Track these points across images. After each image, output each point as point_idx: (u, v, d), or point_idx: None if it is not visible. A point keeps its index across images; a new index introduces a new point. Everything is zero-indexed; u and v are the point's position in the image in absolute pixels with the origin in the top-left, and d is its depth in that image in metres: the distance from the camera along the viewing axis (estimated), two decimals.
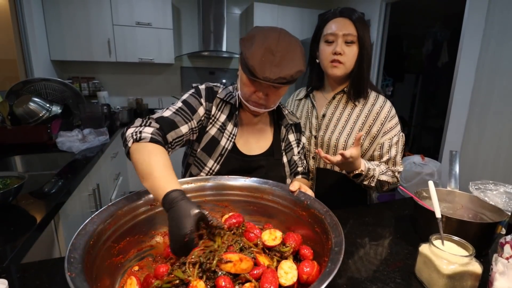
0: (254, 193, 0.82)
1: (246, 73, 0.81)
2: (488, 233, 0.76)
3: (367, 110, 1.07)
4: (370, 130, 1.06)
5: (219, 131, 0.94)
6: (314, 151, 1.14)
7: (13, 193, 1.02)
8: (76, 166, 1.52)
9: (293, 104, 1.26)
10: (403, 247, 0.82)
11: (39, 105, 1.95)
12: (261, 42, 0.79)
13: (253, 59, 0.77)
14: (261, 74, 0.77)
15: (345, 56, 1.01)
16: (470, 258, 0.61)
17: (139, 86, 3.51)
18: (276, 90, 0.85)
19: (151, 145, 0.73)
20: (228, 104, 0.96)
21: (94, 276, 0.51)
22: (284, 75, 0.78)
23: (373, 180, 0.99)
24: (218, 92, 0.96)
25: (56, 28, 2.74)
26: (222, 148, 0.93)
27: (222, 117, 0.95)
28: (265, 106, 0.88)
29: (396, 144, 1.04)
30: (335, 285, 0.65)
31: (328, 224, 0.64)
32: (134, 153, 0.72)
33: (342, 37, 1.00)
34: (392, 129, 1.05)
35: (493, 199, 0.86)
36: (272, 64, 0.77)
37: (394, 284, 0.66)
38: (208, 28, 3.31)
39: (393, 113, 1.07)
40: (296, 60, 0.80)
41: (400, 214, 1.03)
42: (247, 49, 0.80)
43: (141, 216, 0.72)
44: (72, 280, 0.42)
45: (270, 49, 0.78)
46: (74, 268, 0.46)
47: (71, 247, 0.51)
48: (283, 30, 0.83)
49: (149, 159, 0.69)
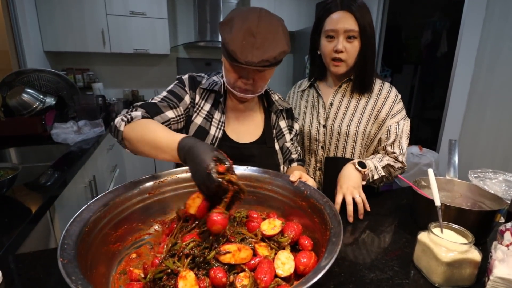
0: (254, 182, 0.81)
1: (228, 59, 0.79)
2: (486, 221, 0.76)
3: (375, 96, 1.08)
4: (379, 115, 1.06)
5: (206, 120, 0.92)
6: (323, 140, 1.13)
7: (7, 184, 1.00)
8: (72, 157, 1.50)
9: (296, 96, 1.24)
10: (401, 235, 0.82)
11: (32, 96, 1.91)
12: (240, 24, 0.75)
13: (233, 43, 0.74)
14: (243, 58, 0.74)
15: (347, 53, 1.00)
16: (469, 245, 0.60)
17: (135, 77, 3.47)
18: (261, 74, 0.82)
19: (143, 120, 0.75)
20: (212, 92, 0.94)
21: (89, 263, 0.51)
22: (267, 57, 0.75)
23: (378, 170, 0.99)
24: (202, 83, 0.94)
25: (49, 18, 2.68)
26: (213, 137, 0.92)
27: (207, 106, 0.93)
28: (252, 91, 0.86)
29: (402, 128, 1.05)
30: (333, 273, 0.65)
31: (328, 214, 0.63)
32: (130, 132, 0.73)
33: (344, 33, 0.98)
34: (399, 112, 1.06)
35: (492, 188, 0.85)
36: (253, 47, 0.74)
37: (392, 272, 0.66)
38: (204, 17, 3.25)
39: (399, 98, 1.08)
40: (279, 40, 0.77)
41: (399, 203, 1.03)
42: (226, 33, 0.77)
43: (139, 204, 0.71)
44: (64, 266, 0.42)
45: (251, 31, 0.75)
46: (67, 254, 0.45)
47: (65, 234, 0.50)
48: (263, 10, 0.80)
49: (149, 127, 0.71)
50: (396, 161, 1.05)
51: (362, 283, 0.62)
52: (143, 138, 0.70)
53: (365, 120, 1.06)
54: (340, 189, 0.91)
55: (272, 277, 0.54)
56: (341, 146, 1.10)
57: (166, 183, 0.77)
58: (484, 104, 2.17)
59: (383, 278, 0.64)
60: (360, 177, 0.94)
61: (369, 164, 0.98)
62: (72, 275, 0.40)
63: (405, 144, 1.05)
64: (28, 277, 0.63)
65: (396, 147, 1.04)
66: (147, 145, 0.69)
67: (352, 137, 1.07)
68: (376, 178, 0.99)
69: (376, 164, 1.00)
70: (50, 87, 2.16)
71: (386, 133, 1.05)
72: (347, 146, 1.09)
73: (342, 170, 0.97)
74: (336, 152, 1.11)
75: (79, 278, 0.40)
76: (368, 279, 0.64)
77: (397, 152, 1.04)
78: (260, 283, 0.52)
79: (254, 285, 0.52)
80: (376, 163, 1.00)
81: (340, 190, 0.91)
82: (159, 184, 0.76)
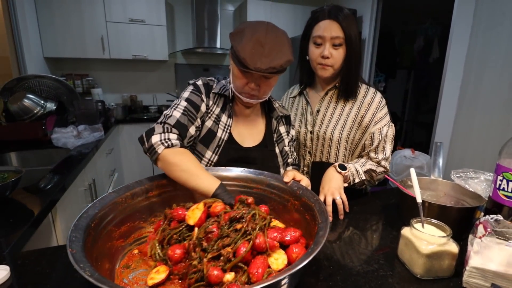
0: (250, 183, 0.86)
1: (238, 65, 0.85)
2: (467, 218, 0.80)
3: (359, 102, 1.11)
4: (362, 121, 1.09)
5: (215, 123, 0.98)
6: (310, 145, 1.18)
7: (11, 186, 1.03)
8: (72, 161, 1.54)
9: (288, 102, 1.30)
10: (388, 232, 0.87)
11: (33, 101, 1.95)
12: (250, 35, 0.83)
13: (244, 52, 0.81)
14: (252, 65, 0.81)
15: (333, 59, 1.05)
16: (447, 238, 0.65)
17: (133, 83, 3.51)
18: (267, 81, 0.89)
19: (182, 149, 0.84)
20: (222, 96, 1.00)
21: (95, 256, 0.55)
22: (274, 65, 0.82)
23: (359, 174, 1.04)
24: (213, 87, 1.00)
25: (49, 25, 2.73)
26: (219, 139, 0.97)
27: (217, 109, 0.99)
28: (258, 97, 0.93)
29: (386, 133, 1.08)
30: (322, 266, 0.69)
31: (317, 211, 0.67)
32: (168, 157, 0.80)
33: (330, 40, 1.03)
34: (383, 118, 1.09)
35: (473, 187, 0.90)
36: (262, 55, 0.82)
37: (377, 265, 0.70)
38: (202, 25, 3.31)
39: (383, 103, 1.11)
40: (285, 50, 0.85)
41: (387, 202, 1.08)
42: (237, 42, 0.84)
43: (141, 204, 0.76)
44: (73, 256, 0.45)
45: (259, 41, 0.82)
46: (75, 246, 0.49)
47: (73, 228, 0.54)
48: (270, 24, 0.88)
49: (188, 162, 0.81)
50: (378, 166, 1.09)
51: (349, 275, 0.67)
52: (183, 165, 0.80)
53: (349, 126, 1.11)
54: (322, 190, 0.97)
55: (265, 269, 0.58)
56: (326, 151, 1.15)
57: (166, 184, 0.82)
58: (473, 107, 2.24)
59: (369, 270, 0.68)
60: (341, 179, 1.00)
61: (350, 168, 1.03)
62: (81, 263, 0.44)
63: (389, 150, 1.09)
64: (35, 271, 0.66)
65: (380, 152, 1.09)
66: (184, 172, 0.79)
67: (336, 143, 1.12)
68: (357, 181, 1.04)
69: (358, 168, 1.05)
70: (50, 92, 2.20)
71: (370, 139, 1.09)
72: (331, 151, 1.13)
73: (325, 173, 1.02)
74: (322, 157, 1.16)
75: (87, 266, 0.44)
76: (355, 271, 0.68)
77: (380, 157, 1.08)
78: (252, 278, 0.56)
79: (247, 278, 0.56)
80: (358, 167, 1.05)
81: (322, 191, 0.97)
82: (161, 184, 0.81)
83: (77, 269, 0.43)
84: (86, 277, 0.41)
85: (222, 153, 0.97)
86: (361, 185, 1.09)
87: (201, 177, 0.78)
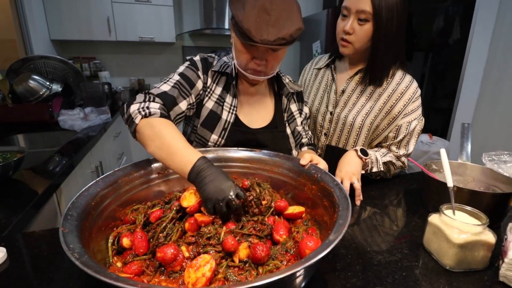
0: (264, 166, 0.79)
1: (241, 38, 0.75)
2: (500, 205, 0.73)
3: (391, 89, 0.99)
4: (391, 110, 0.98)
5: (217, 104, 0.89)
6: (327, 127, 1.09)
7: (13, 166, 1.00)
8: (78, 143, 1.51)
9: (311, 73, 1.19)
10: (410, 219, 0.80)
11: (39, 83, 1.92)
12: (253, 1, 0.72)
13: (247, 22, 0.71)
14: (258, 36, 0.71)
15: (354, 36, 0.93)
16: (483, 227, 0.58)
17: (141, 66, 3.46)
18: (275, 54, 0.79)
19: (162, 120, 0.72)
20: (223, 75, 0.91)
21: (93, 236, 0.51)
22: (283, 35, 0.72)
23: (379, 163, 0.96)
24: (213, 64, 0.91)
25: (55, 6, 2.67)
26: (225, 122, 0.89)
27: (218, 89, 0.90)
28: (265, 73, 0.83)
29: (413, 128, 0.98)
30: (338, 254, 0.64)
31: (337, 197, 0.60)
32: (144, 128, 0.70)
33: (355, 13, 0.90)
34: (414, 111, 0.98)
35: (508, 171, 0.82)
36: (268, 25, 0.71)
37: (401, 254, 0.64)
38: (210, 4, 3.19)
39: (417, 95, 0.99)
40: (294, 17, 0.74)
41: (408, 188, 1.01)
42: (238, 11, 0.73)
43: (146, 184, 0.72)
44: (64, 235, 0.41)
45: (265, 8, 0.71)
46: (69, 225, 0.45)
47: (71, 206, 0.51)
48: None
49: (165, 132, 0.69)
50: (398, 160, 1.02)
51: (370, 265, 0.61)
52: (159, 140, 0.68)
53: (375, 113, 1.00)
54: (339, 173, 0.89)
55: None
56: (344, 136, 1.05)
57: None
58: (498, 90, 2.10)
59: (391, 261, 0.62)
60: (360, 164, 0.92)
61: (371, 155, 0.95)
62: (71, 244, 0.40)
63: (412, 146, 1.00)
64: (33, 255, 0.63)
65: (402, 147, 1.00)
66: (159, 148, 0.68)
67: (357, 129, 1.02)
68: (375, 170, 0.96)
69: (378, 157, 0.97)
70: (56, 74, 2.16)
71: (395, 131, 0.99)
72: (350, 137, 1.04)
73: (343, 156, 0.94)
74: (339, 141, 1.07)
75: (77, 247, 0.40)
76: (376, 261, 0.62)
77: (402, 153, 1.00)
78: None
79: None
80: (378, 156, 0.97)
81: (338, 174, 0.89)
82: None
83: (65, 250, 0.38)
84: (72, 259, 0.36)
85: (229, 137, 0.89)
86: (377, 175, 1.01)
87: (178, 155, 0.66)
